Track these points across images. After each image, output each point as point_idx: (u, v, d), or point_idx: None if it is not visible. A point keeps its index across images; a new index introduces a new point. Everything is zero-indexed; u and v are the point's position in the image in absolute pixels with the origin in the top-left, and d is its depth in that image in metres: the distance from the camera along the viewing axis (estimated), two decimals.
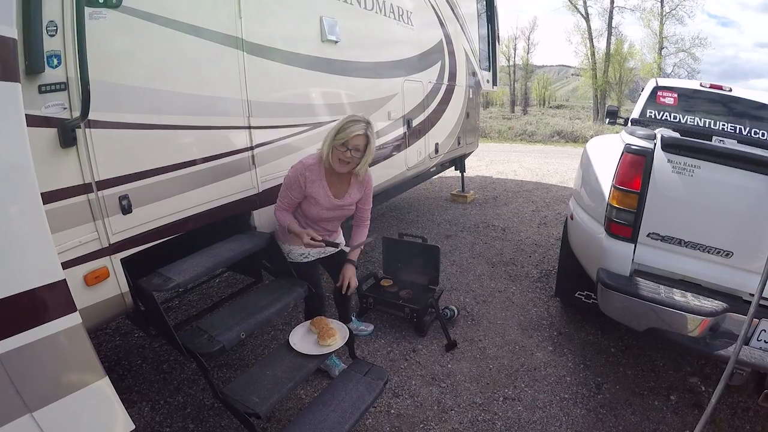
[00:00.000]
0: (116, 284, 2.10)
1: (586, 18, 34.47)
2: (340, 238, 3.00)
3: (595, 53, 34.90)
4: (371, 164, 4.12)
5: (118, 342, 3.44)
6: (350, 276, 2.76)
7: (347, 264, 2.78)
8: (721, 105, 4.43)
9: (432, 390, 2.86)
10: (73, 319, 1.16)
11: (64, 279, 1.18)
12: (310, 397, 2.75)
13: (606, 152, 2.89)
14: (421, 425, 2.58)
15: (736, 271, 2.32)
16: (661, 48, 33.42)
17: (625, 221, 2.45)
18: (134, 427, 1.35)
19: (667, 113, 4.44)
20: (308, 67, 3.17)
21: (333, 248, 2.81)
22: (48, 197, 1.76)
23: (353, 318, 3.51)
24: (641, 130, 2.56)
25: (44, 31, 1.67)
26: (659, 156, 2.32)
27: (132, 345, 3.38)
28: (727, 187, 2.22)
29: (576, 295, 3.36)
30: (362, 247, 2.88)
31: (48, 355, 1.17)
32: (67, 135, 1.80)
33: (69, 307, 1.16)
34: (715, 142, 3.62)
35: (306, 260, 2.79)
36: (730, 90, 4.49)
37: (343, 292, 2.79)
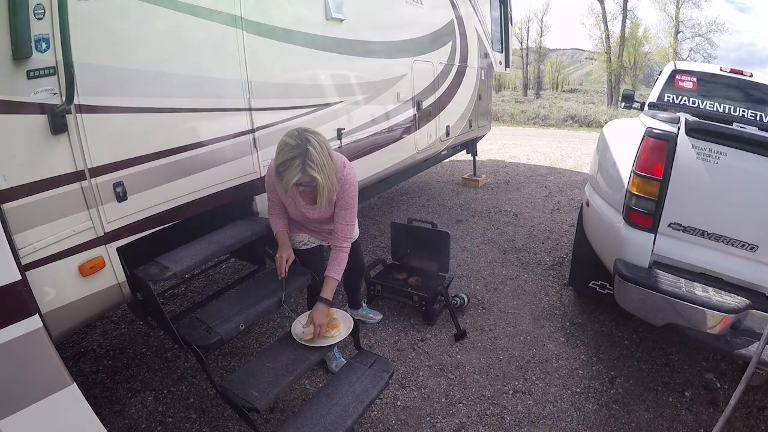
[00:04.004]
0: (113, 274, 2.03)
1: (601, 0, 33.73)
2: (356, 230, 2.78)
3: (610, 37, 34.31)
4: (379, 147, 4.05)
5: (123, 330, 3.41)
6: (319, 322, 2.28)
7: (318, 304, 2.33)
8: (742, 90, 4.27)
9: (440, 381, 2.79)
10: (32, 324, 1.07)
11: (21, 280, 1.09)
12: (314, 388, 2.70)
13: (625, 136, 2.76)
14: (428, 418, 2.51)
15: (760, 266, 2.21)
16: (677, 32, 32.79)
17: (645, 210, 2.33)
18: None
19: (685, 98, 4.28)
20: (312, 47, 3.05)
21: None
22: (40, 186, 1.70)
23: (363, 305, 3.44)
24: (663, 114, 2.42)
25: (31, 14, 1.59)
26: (683, 141, 2.19)
27: (137, 333, 3.35)
28: (754, 176, 2.10)
29: (590, 284, 3.25)
30: (337, 280, 2.43)
31: (5, 363, 1.09)
32: (58, 121, 1.72)
33: (26, 310, 1.08)
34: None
35: (306, 247, 2.67)
36: (751, 75, 4.33)
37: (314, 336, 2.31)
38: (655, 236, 2.37)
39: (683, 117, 2.25)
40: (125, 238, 2.06)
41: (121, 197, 1.99)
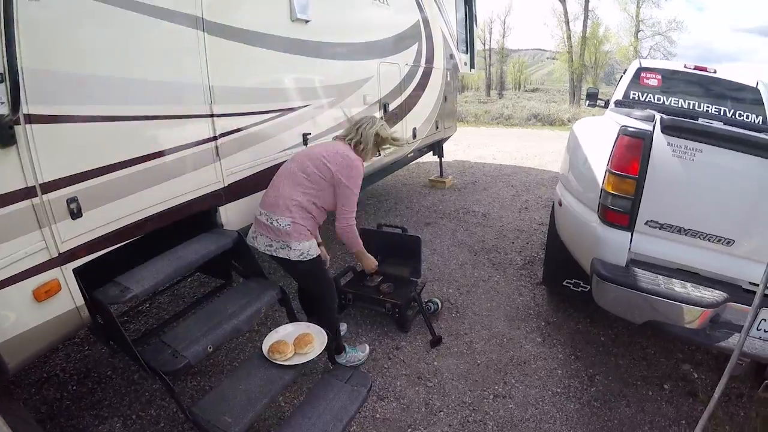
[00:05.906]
0: (70, 298, 1.88)
1: (562, 1, 34.59)
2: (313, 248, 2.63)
3: (571, 36, 35.23)
4: None
5: (87, 352, 3.20)
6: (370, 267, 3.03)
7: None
8: (705, 87, 4.37)
9: (419, 390, 2.72)
10: None
11: None
12: (290, 405, 2.58)
13: (597, 134, 2.76)
14: (409, 429, 2.44)
15: (736, 260, 2.23)
16: (637, 31, 33.98)
17: (621, 208, 2.32)
18: None
19: (650, 95, 4.36)
20: (277, 49, 2.95)
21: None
22: None
23: (345, 347, 2.94)
24: (638, 111, 2.42)
25: None
26: (659, 139, 2.18)
27: (101, 354, 3.15)
28: (730, 172, 2.11)
29: (564, 283, 3.24)
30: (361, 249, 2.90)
31: None
32: (5, 133, 1.57)
33: None
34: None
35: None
36: (715, 71, 4.44)
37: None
38: (632, 234, 2.36)
39: (658, 115, 2.25)
40: (82, 258, 1.91)
41: (75, 214, 1.84)
